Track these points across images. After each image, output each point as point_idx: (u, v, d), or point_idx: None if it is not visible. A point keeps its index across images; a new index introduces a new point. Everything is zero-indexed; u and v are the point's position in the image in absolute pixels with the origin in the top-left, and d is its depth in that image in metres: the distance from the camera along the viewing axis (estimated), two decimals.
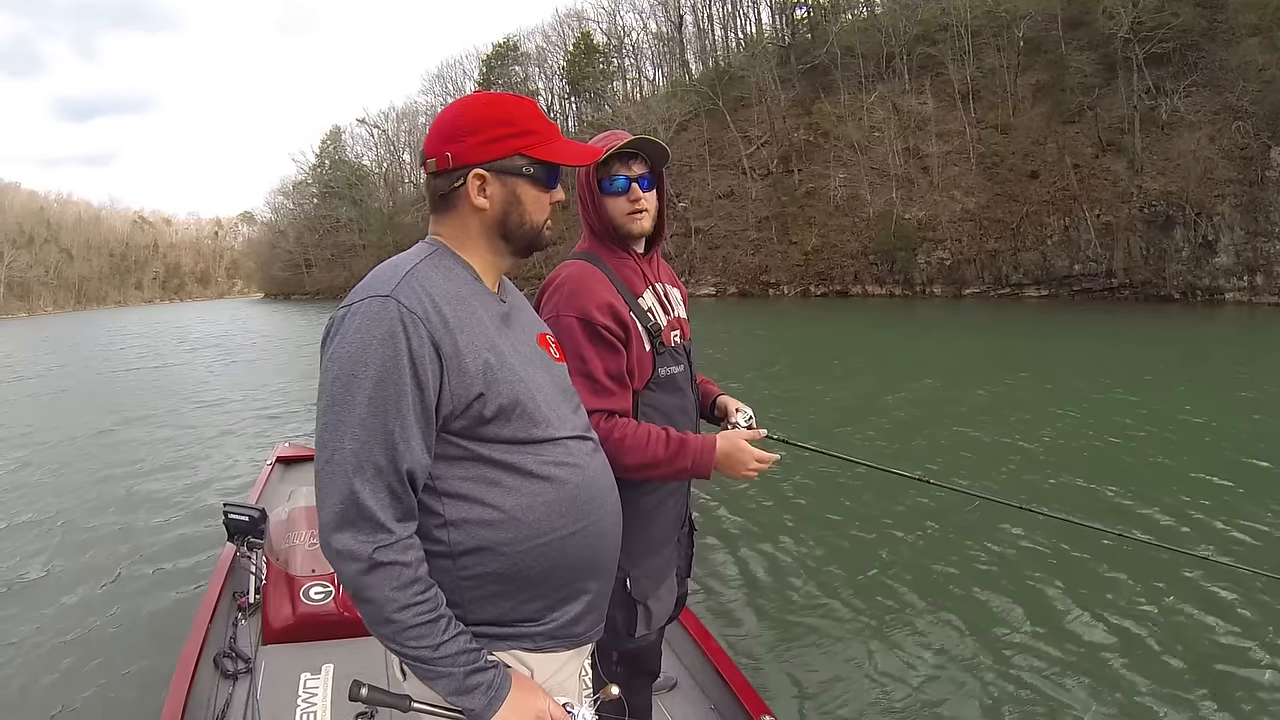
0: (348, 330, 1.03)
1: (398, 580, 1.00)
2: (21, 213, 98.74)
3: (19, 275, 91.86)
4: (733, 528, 5.24)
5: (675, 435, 1.53)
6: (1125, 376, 10.73)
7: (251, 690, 2.41)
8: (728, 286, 37.07)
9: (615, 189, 1.60)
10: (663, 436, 1.52)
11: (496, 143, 1.12)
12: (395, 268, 1.09)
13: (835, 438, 7.73)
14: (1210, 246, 24.89)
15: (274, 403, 12.00)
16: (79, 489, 7.20)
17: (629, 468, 1.44)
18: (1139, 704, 3.10)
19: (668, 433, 1.53)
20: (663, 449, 1.50)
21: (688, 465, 1.52)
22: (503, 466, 1.10)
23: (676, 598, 1.77)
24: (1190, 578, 4.11)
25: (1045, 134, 29.46)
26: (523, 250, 1.20)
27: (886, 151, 33.14)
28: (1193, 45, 26.72)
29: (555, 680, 1.18)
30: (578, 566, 1.16)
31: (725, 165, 39.56)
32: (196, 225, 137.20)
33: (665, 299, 1.69)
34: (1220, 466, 6.13)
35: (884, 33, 35.56)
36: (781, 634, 3.76)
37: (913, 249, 31.07)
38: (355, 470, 1.00)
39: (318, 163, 73.47)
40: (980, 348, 16.53)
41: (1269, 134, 24.50)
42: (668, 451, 1.51)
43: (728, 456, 1.55)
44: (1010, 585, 4.16)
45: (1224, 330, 18.55)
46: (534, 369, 1.17)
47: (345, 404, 1.01)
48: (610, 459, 1.29)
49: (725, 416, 1.79)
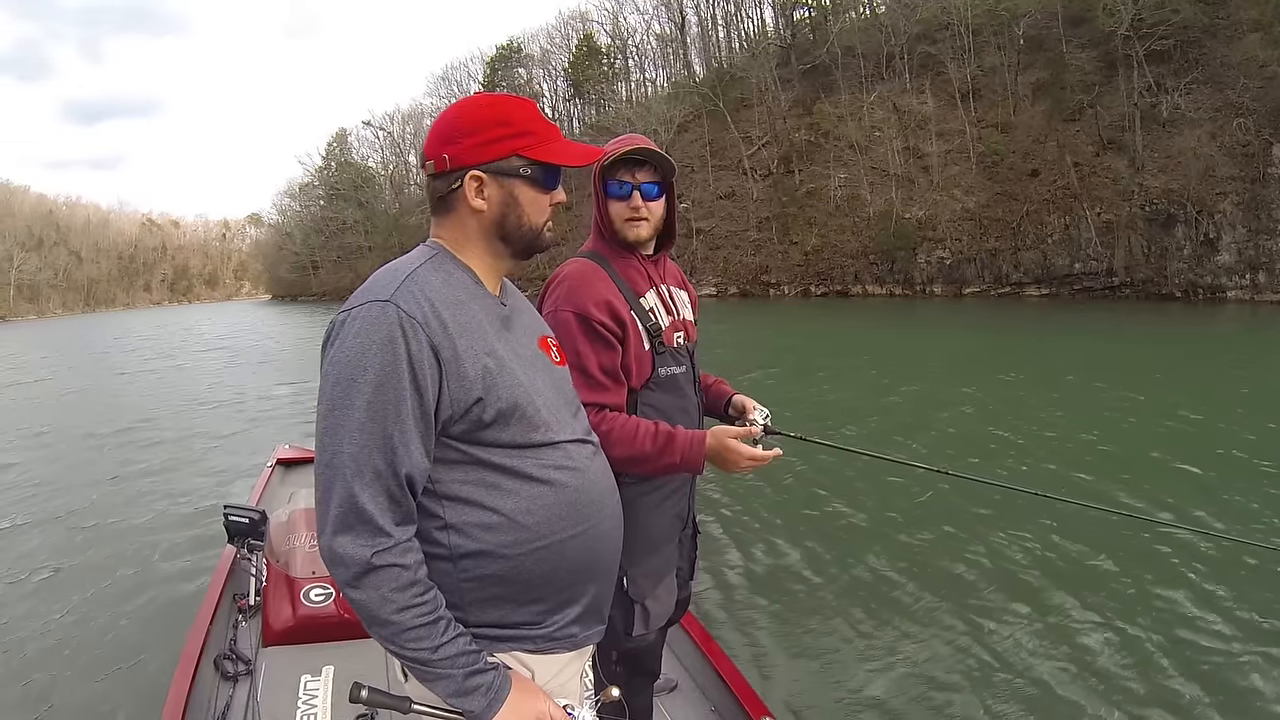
0: (347, 335, 1.04)
1: (396, 582, 1.01)
2: (31, 216, 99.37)
3: (28, 278, 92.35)
4: (735, 529, 5.24)
5: (664, 429, 1.52)
6: (1125, 375, 10.74)
7: (252, 692, 2.41)
8: (729, 287, 37.17)
9: (617, 194, 1.61)
10: (651, 430, 1.51)
11: (493, 144, 1.12)
12: (395, 272, 1.09)
13: (843, 436, 7.73)
14: (1212, 244, 24.75)
15: (274, 404, 12.04)
16: (79, 489, 7.23)
17: (617, 460, 1.42)
18: (1152, 700, 3.07)
19: (656, 426, 1.52)
20: (650, 443, 1.50)
21: (676, 460, 1.52)
22: (502, 470, 1.10)
23: (678, 600, 1.75)
24: (1179, 556, 4.13)
25: (1046, 132, 29.37)
26: (522, 252, 1.20)
27: (887, 151, 33.13)
28: (1194, 42, 26.57)
29: (556, 682, 1.18)
30: (578, 569, 1.16)
31: (726, 166, 39.68)
32: (204, 227, 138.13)
33: (670, 300, 1.69)
34: (1214, 457, 6.21)
35: (884, 32, 35.54)
36: (783, 636, 3.75)
37: (913, 248, 31.06)
38: (354, 474, 1.01)
39: (324, 165, 73.96)
40: (980, 346, 16.56)
41: (1270, 131, 24.35)
42: (655, 446, 1.50)
43: (716, 454, 1.53)
44: (1016, 587, 4.13)
45: (1224, 329, 18.39)
46: (534, 373, 1.17)
47: (344, 408, 1.02)
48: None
49: (742, 415, 1.79)
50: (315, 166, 75.20)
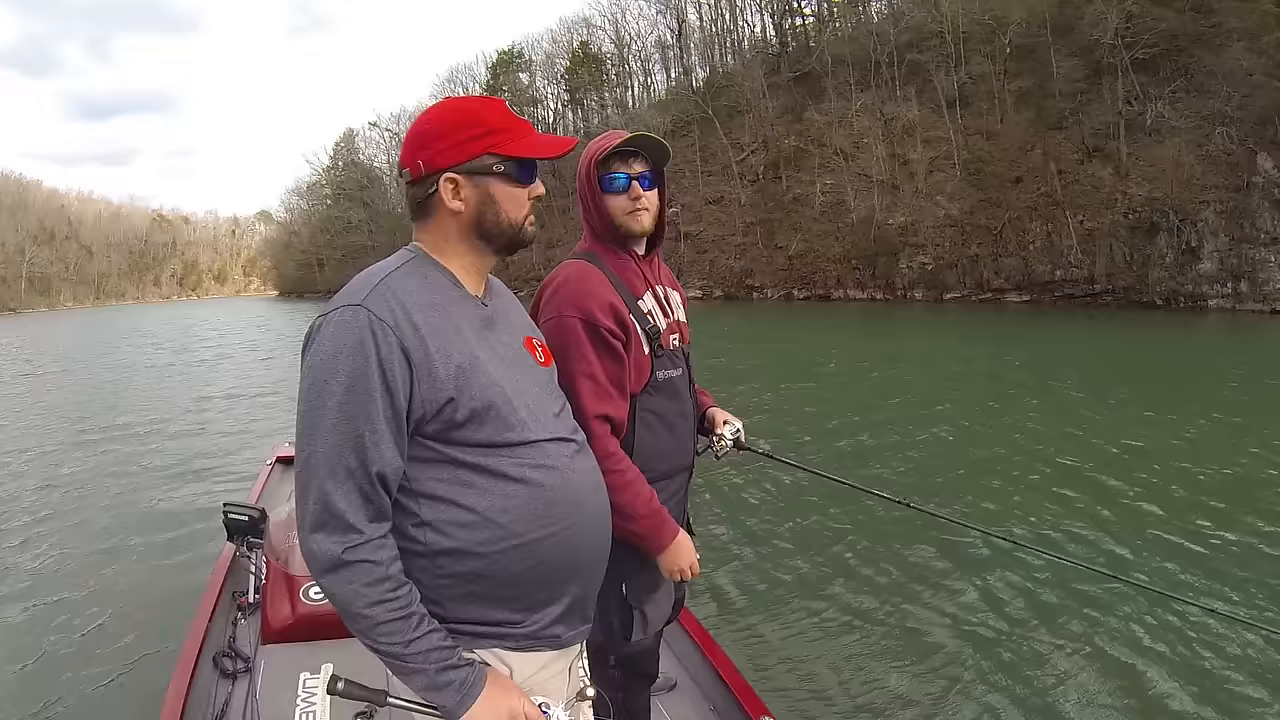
0: (322, 339, 1.07)
1: (368, 577, 1.04)
2: (43, 210, 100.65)
3: (40, 271, 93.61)
4: (732, 530, 5.22)
5: (659, 505, 1.54)
6: (1096, 385, 10.66)
7: (251, 690, 2.40)
8: (714, 289, 37.54)
9: (615, 187, 1.59)
10: (648, 496, 1.52)
11: (464, 144, 1.14)
12: (370, 277, 1.12)
13: (820, 448, 7.63)
14: (1194, 253, 24.65)
15: (275, 402, 11.94)
16: (79, 485, 7.21)
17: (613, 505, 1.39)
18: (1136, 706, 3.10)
19: (653, 494, 1.54)
20: (644, 507, 1.50)
21: (652, 534, 1.53)
22: (476, 469, 1.11)
23: (674, 601, 1.75)
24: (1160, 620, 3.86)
25: (1032, 140, 29.38)
26: (504, 249, 1.21)
27: (872, 158, 33.20)
28: (1180, 50, 26.53)
29: (536, 680, 1.18)
30: (556, 569, 1.17)
31: (714, 172, 40.05)
32: (214, 223, 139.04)
33: (665, 302, 1.68)
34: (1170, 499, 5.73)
35: (874, 39, 35.62)
36: (781, 635, 3.73)
37: (895, 254, 31.14)
38: (328, 473, 1.04)
39: (331, 164, 74.78)
40: (933, 347, 16.64)
41: (1255, 140, 24.26)
42: (649, 509, 1.51)
43: (676, 547, 1.57)
44: (1010, 589, 4.13)
45: (1201, 340, 18.12)
46: (515, 372, 1.18)
47: (318, 409, 1.05)
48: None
49: (713, 429, 1.79)
50: (323, 166, 76.25)
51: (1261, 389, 10.37)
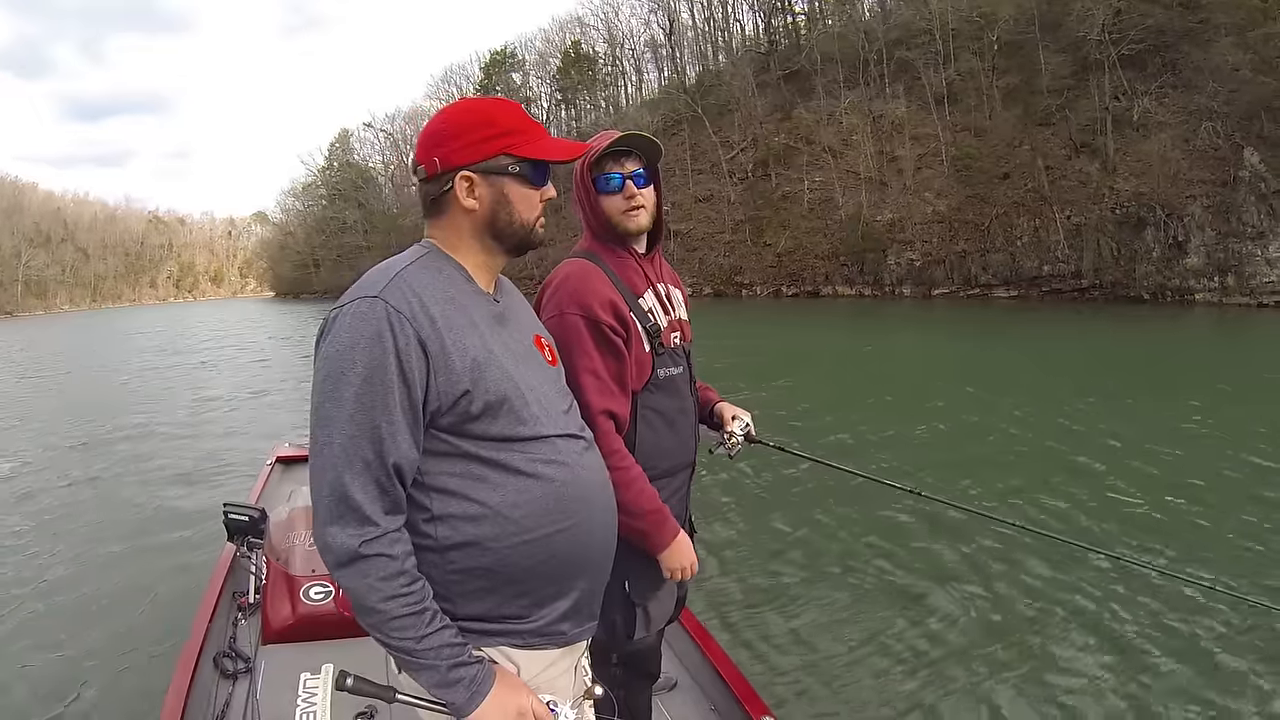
0: (338, 330, 1.07)
1: (383, 571, 1.03)
2: (39, 212, 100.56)
3: (36, 274, 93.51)
4: (730, 527, 5.23)
5: (661, 505, 1.55)
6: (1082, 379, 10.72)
7: (251, 690, 2.40)
8: (703, 287, 37.62)
9: (610, 187, 1.59)
10: (651, 494, 1.54)
11: (481, 144, 1.15)
12: (386, 270, 1.12)
13: (824, 436, 7.67)
14: (1181, 247, 24.69)
15: (274, 402, 11.96)
16: (78, 487, 7.21)
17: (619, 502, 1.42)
18: (1140, 704, 3.09)
19: (656, 493, 1.55)
20: (648, 503, 1.52)
21: (654, 532, 1.54)
22: (489, 463, 1.12)
23: (676, 599, 1.75)
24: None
25: (1020, 136, 29.42)
26: (515, 249, 1.22)
27: (860, 155, 33.26)
28: (1167, 46, 26.54)
29: (543, 678, 1.18)
30: (565, 564, 1.17)
31: (704, 170, 40.18)
32: (210, 225, 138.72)
33: (667, 300, 1.68)
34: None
35: (864, 37, 35.68)
36: (782, 633, 3.73)
37: (882, 250, 31.20)
38: (345, 465, 1.03)
39: (326, 165, 74.81)
40: (921, 342, 16.64)
41: (1241, 135, 24.28)
42: (651, 506, 1.52)
43: (678, 546, 1.58)
44: (1014, 585, 4.10)
45: (1188, 334, 18.14)
46: (526, 368, 1.19)
47: (334, 401, 1.04)
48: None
49: (722, 424, 1.79)
50: (318, 167, 76.29)
51: (1251, 380, 10.42)
